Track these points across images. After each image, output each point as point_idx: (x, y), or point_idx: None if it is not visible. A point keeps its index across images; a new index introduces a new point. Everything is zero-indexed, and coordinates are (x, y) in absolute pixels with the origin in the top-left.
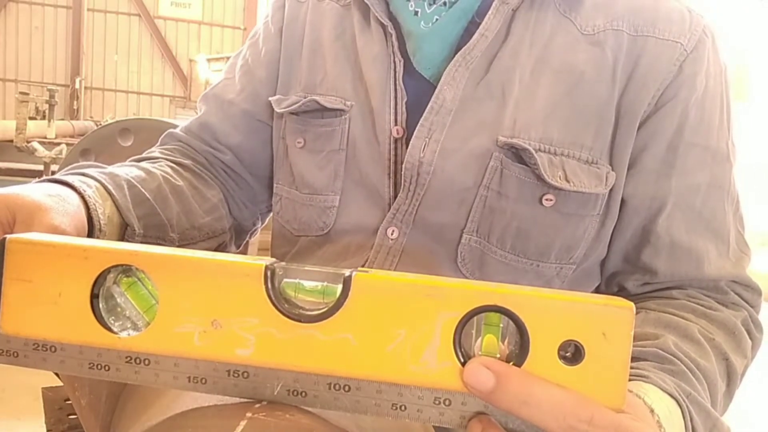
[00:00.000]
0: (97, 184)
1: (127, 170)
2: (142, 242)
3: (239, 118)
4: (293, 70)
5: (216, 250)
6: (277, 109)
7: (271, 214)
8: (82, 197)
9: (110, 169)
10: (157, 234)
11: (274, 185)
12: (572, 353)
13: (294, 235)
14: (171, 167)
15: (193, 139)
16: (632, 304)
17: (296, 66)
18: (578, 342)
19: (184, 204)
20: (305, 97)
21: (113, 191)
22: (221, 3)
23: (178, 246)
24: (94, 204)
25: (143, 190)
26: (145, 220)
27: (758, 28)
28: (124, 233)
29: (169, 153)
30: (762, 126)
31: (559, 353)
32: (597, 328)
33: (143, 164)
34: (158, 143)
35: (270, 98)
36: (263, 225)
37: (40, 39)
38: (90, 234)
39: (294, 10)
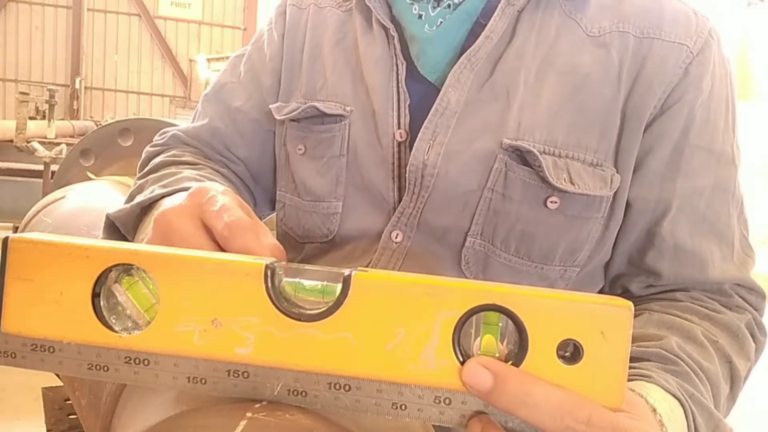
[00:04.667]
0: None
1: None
2: None
3: (248, 127)
4: (294, 77)
5: None
6: (277, 116)
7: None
8: None
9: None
10: None
11: (277, 192)
12: (571, 352)
13: (299, 242)
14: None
15: (204, 147)
16: (631, 303)
17: (297, 73)
18: (577, 341)
19: None
20: (305, 104)
21: None
22: (221, 3)
23: None
24: None
25: None
26: None
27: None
28: None
29: (206, 161)
30: (764, 125)
31: (557, 352)
32: (596, 328)
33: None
34: (162, 144)
35: (270, 106)
36: None
37: (40, 39)
38: None
39: (295, 17)
